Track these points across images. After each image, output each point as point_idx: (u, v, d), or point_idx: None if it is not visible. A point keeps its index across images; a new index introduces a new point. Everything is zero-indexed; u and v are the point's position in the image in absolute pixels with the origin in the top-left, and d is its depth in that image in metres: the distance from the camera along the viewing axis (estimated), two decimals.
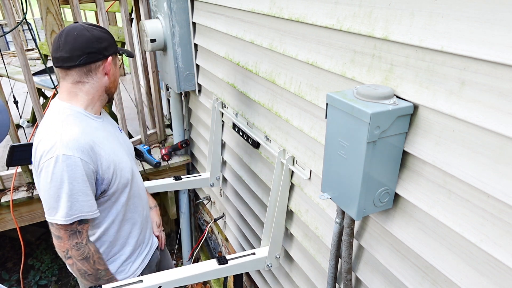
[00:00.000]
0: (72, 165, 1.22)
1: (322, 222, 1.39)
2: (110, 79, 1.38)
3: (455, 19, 0.77)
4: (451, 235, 0.87)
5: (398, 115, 0.88)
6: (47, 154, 1.23)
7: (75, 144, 1.24)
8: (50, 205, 1.27)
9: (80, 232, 1.31)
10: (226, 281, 2.36)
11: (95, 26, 1.34)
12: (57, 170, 1.22)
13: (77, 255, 1.31)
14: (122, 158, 1.44)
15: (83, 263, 1.33)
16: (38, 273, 3.46)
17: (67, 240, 1.30)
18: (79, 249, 1.31)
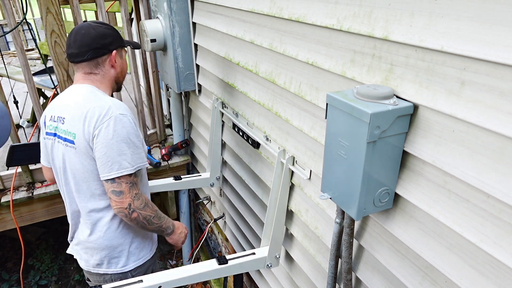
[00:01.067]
0: (128, 122, 1.42)
1: (322, 222, 1.39)
2: (117, 70, 1.55)
3: (455, 19, 0.77)
4: (451, 235, 0.87)
5: (398, 115, 0.88)
6: (105, 116, 1.40)
7: (125, 107, 1.46)
8: (114, 159, 1.39)
9: (136, 183, 1.46)
10: (226, 281, 2.36)
11: (101, 24, 1.50)
12: (118, 127, 1.39)
13: (138, 204, 1.46)
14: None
15: (146, 210, 1.48)
16: (38, 273, 3.46)
17: (128, 193, 1.43)
18: (139, 198, 1.46)
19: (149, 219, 1.50)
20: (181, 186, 2.24)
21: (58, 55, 2.18)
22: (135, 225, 1.49)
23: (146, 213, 1.48)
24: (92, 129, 1.39)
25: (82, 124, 1.40)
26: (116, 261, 1.61)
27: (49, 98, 3.31)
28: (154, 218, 1.53)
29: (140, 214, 1.46)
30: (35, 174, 2.51)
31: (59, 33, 2.13)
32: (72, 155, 1.45)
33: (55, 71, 2.23)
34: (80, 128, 1.40)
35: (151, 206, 1.52)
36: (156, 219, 1.54)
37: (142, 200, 1.47)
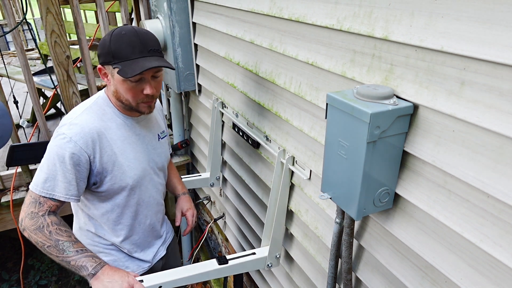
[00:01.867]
0: (64, 145, 1.27)
1: (322, 222, 1.39)
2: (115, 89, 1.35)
3: (455, 19, 0.77)
4: (451, 235, 0.87)
5: (398, 115, 0.88)
6: (57, 129, 1.33)
7: (79, 131, 1.30)
8: (37, 170, 1.33)
9: (41, 204, 1.30)
10: (226, 281, 2.36)
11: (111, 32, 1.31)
12: (53, 144, 1.30)
13: (29, 224, 1.28)
14: (132, 163, 1.43)
15: (36, 234, 1.28)
16: (38, 273, 3.46)
17: (25, 207, 1.31)
18: (33, 218, 1.29)
19: (42, 246, 1.28)
20: None
21: (58, 55, 2.18)
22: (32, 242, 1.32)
23: (37, 238, 1.27)
24: None
25: None
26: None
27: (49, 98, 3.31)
28: (50, 248, 1.27)
29: (30, 235, 1.29)
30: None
31: (59, 33, 2.13)
32: None
33: (55, 71, 2.23)
34: None
35: (48, 233, 1.28)
36: (54, 250, 1.27)
37: (36, 222, 1.28)
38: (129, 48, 1.25)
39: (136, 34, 1.27)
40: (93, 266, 1.26)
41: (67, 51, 2.20)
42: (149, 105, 1.38)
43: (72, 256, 1.27)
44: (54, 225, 1.30)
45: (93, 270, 1.25)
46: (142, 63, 1.24)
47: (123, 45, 1.25)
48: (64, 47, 2.18)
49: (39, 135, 3.28)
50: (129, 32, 1.26)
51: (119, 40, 1.26)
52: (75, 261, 1.27)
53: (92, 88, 2.47)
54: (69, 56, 2.22)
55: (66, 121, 1.33)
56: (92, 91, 2.48)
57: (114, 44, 1.26)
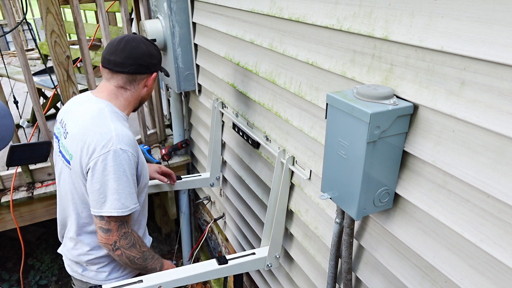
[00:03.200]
0: (127, 158, 1.32)
1: (322, 222, 1.39)
2: (148, 92, 1.51)
3: (455, 19, 0.77)
4: (451, 235, 0.87)
5: (398, 115, 0.88)
6: (103, 148, 1.29)
7: (128, 140, 1.34)
8: (106, 197, 1.31)
9: (127, 222, 1.39)
10: (226, 281, 2.36)
11: (152, 43, 1.46)
12: (116, 163, 1.30)
13: (125, 244, 1.39)
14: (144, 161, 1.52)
15: (131, 250, 1.41)
16: (38, 273, 3.46)
17: (116, 232, 1.36)
18: (127, 238, 1.39)
19: (133, 260, 1.44)
20: (181, 186, 2.24)
21: (58, 55, 2.18)
22: (118, 260, 1.45)
23: (131, 254, 1.42)
24: (88, 159, 1.31)
25: (80, 149, 1.33)
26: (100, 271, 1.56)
27: (49, 98, 3.31)
28: (139, 259, 1.45)
29: (124, 253, 1.40)
30: (35, 174, 2.51)
31: (59, 33, 2.13)
32: (66, 173, 1.43)
33: (55, 71, 2.23)
34: (77, 152, 1.33)
35: (139, 247, 1.44)
36: (141, 261, 1.46)
37: (130, 240, 1.41)
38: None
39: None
40: (161, 266, 1.54)
41: (67, 51, 2.20)
42: None
43: (150, 263, 1.50)
44: (139, 239, 1.46)
45: (160, 269, 1.53)
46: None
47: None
48: (64, 47, 2.18)
49: (39, 135, 3.28)
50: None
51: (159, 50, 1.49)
52: (152, 265, 1.50)
53: (92, 88, 2.48)
54: (69, 56, 2.22)
55: (108, 136, 1.31)
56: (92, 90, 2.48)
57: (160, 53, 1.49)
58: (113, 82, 1.41)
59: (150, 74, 1.44)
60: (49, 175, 2.58)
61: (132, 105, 1.49)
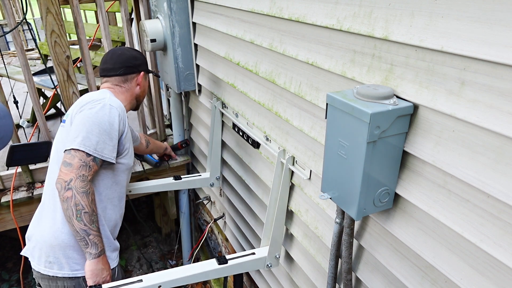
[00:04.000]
0: (114, 113, 1.49)
1: (322, 222, 1.39)
2: (141, 89, 1.77)
3: (455, 19, 0.77)
4: (451, 235, 0.87)
5: (398, 115, 0.88)
6: (95, 101, 1.51)
7: (119, 106, 1.55)
8: (81, 134, 1.43)
9: (90, 167, 1.42)
10: (226, 281, 2.36)
11: (133, 49, 1.81)
12: (101, 112, 1.47)
13: (79, 186, 1.39)
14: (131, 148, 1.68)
15: (82, 197, 1.39)
16: None
17: (76, 169, 1.39)
18: (83, 181, 1.40)
19: (80, 211, 1.37)
20: (181, 186, 2.24)
21: (58, 55, 2.18)
22: (64, 210, 1.39)
23: (81, 201, 1.37)
24: (80, 107, 1.50)
25: (76, 105, 1.54)
26: (70, 262, 1.51)
27: (49, 98, 3.31)
28: (86, 214, 1.38)
29: (74, 195, 1.36)
30: (35, 174, 2.51)
31: (59, 33, 2.13)
32: (59, 132, 1.57)
33: (55, 71, 2.23)
34: (73, 108, 1.54)
35: (91, 200, 1.40)
36: (87, 218, 1.38)
37: (86, 186, 1.38)
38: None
39: None
40: (101, 249, 1.46)
41: (67, 51, 2.20)
42: None
43: (95, 231, 1.43)
44: (93, 195, 1.45)
45: (98, 253, 1.45)
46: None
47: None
48: (64, 47, 2.18)
49: (39, 135, 3.28)
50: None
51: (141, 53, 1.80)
52: (94, 236, 1.43)
53: (92, 88, 2.47)
54: (69, 56, 2.22)
55: (102, 96, 1.53)
56: (92, 91, 2.48)
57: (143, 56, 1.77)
58: (109, 83, 1.69)
59: (138, 73, 1.73)
60: None
61: (129, 101, 1.72)
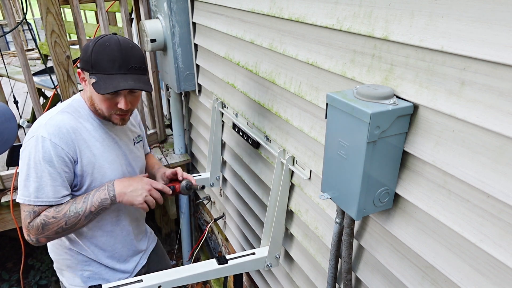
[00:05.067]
0: (48, 147, 1.24)
1: (322, 222, 1.39)
2: (88, 94, 1.34)
3: (455, 19, 0.77)
4: (451, 235, 0.87)
5: (398, 115, 0.88)
6: (29, 134, 1.28)
7: (56, 130, 1.26)
8: (20, 183, 1.27)
9: (36, 212, 1.27)
10: (226, 281, 2.36)
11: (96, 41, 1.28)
12: (34, 150, 1.24)
13: (36, 233, 1.28)
14: (113, 166, 1.40)
15: (48, 231, 1.28)
16: (38, 273, 3.46)
17: (25, 223, 1.27)
18: (33, 227, 1.27)
19: (66, 229, 1.29)
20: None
21: (58, 55, 2.18)
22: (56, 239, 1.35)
23: (53, 232, 1.28)
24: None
25: None
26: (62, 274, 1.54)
27: (49, 98, 3.31)
28: (69, 223, 1.28)
29: (49, 238, 1.30)
30: None
31: (59, 33, 2.13)
32: None
33: (55, 71, 2.23)
34: None
35: (53, 218, 1.26)
36: (73, 220, 1.28)
37: (37, 225, 1.26)
38: (109, 62, 1.22)
39: (119, 49, 1.23)
40: (106, 193, 1.31)
41: (67, 51, 2.20)
42: (122, 117, 1.35)
43: (87, 207, 1.30)
44: (48, 212, 1.28)
45: (110, 195, 1.32)
46: (117, 81, 1.21)
47: (104, 58, 1.21)
48: (64, 47, 2.18)
49: None
50: (113, 45, 1.22)
51: (101, 52, 1.22)
52: (92, 206, 1.30)
53: None
54: (69, 56, 2.22)
55: (40, 122, 1.27)
56: None
57: (95, 54, 1.22)
58: None
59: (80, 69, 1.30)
60: None
61: (89, 104, 1.36)
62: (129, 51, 1.25)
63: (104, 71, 1.22)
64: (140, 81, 1.27)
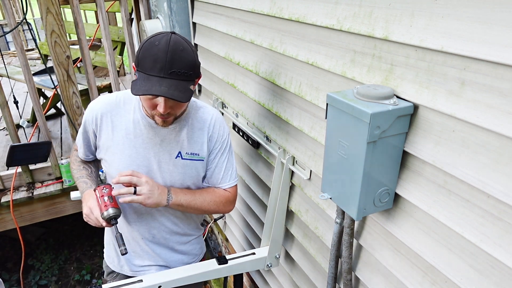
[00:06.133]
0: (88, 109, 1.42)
1: (322, 222, 1.39)
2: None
3: (456, 19, 0.77)
4: (451, 235, 0.87)
5: (398, 115, 0.88)
6: None
7: (92, 105, 1.42)
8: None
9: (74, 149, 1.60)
10: (226, 281, 2.36)
11: None
12: None
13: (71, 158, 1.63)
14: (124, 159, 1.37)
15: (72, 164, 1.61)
16: (38, 273, 3.46)
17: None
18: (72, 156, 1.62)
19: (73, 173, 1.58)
20: None
21: (58, 55, 2.18)
22: None
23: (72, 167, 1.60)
24: None
25: None
26: None
27: (49, 98, 3.31)
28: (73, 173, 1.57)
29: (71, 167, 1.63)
30: (35, 174, 2.52)
31: (59, 33, 2.13)
32: None
33: (55, 71, 2.23)
34: None
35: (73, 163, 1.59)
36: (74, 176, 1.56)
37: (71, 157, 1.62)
38: (152, 62, 1.16)
39: (166, 50, 1.15)
40: (82, 190, 1.45)
41: (67, 51, 2.20)
42: (163, 119, 1.29)
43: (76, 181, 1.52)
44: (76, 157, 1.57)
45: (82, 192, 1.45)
46: (152, 84, 1.16)
47: (149, 56, 1.16)
48: (64, 47, 2.18)
49: (39, 135, 3.28)
50: (162, 45, 1.16)
51: (148, 50, 1.17)
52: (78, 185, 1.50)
53: (92, 88, 2.47)
54: (69, 56, 2.22)
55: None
56: (92, 91, 2.48)
57: (143, 51, 1.18)
58: None
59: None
60: (49, 175, 2.58)
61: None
62: (176, 54, 1.16)
63: (145, 70, 1.17)
64: (177, 88, 1.17)
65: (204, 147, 1.42)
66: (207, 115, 1.43)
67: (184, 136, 1.39)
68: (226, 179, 1.47)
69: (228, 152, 1.47)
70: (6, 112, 2.32)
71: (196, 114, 1.41)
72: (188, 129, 1.39)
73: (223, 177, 1.47)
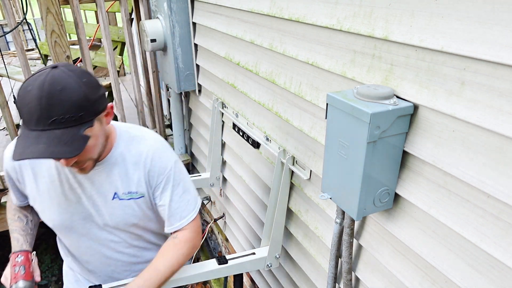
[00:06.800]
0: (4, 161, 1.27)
1: (322, 222, 1.39)
2: None
3: (456, 19, 0.77)
4: (451, 235, 0.88)
5: (398, 115, 0.88)
6: None
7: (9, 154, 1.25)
8: None
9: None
10: (226, 281, 2.36)
11: None
12: None
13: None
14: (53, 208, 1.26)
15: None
16: None
17: None
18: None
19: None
20: None
21: (58, 55, 2.18)
22: None
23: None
24: None
25: None
26: None
27: None
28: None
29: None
30: None
31: (59, 33, 2.13)
32: None
33: None
34: None
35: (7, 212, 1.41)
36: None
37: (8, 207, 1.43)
38: (27, 114, 0.95)
39: (39, 96, 0.93)
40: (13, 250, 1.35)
41: (67, 51, 2.20)
42: (78, 168, 1.11)
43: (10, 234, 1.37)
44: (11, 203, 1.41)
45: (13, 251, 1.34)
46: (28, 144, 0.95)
47: (23, 107, 0.96)
48: (64, 47, 2.18)
49: None
50: (35, 90, 0.93)
51: (22, 99, 0.96)
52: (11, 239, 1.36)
53: None
54: (69, 56, 2.22)
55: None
56: None
57: (18, 102, 0.98)
58: None
59: None
60: None
61: None
62: (54, 98, 0.93)
63: (25, 124, 0.97)
64: (61, 141, 0.95)
65: (142, 183, 1.23)
66: (143, 146, 1.22)
67: (116, 175, 1.21)
68: (184, 215, 1.27)
69: (178, 185, 1.25)
70: (6, 112, 2.32)
71: (129, 147, 1.22)
72: (121, 166, 1.21)
73: (181, 216, 1.27)
